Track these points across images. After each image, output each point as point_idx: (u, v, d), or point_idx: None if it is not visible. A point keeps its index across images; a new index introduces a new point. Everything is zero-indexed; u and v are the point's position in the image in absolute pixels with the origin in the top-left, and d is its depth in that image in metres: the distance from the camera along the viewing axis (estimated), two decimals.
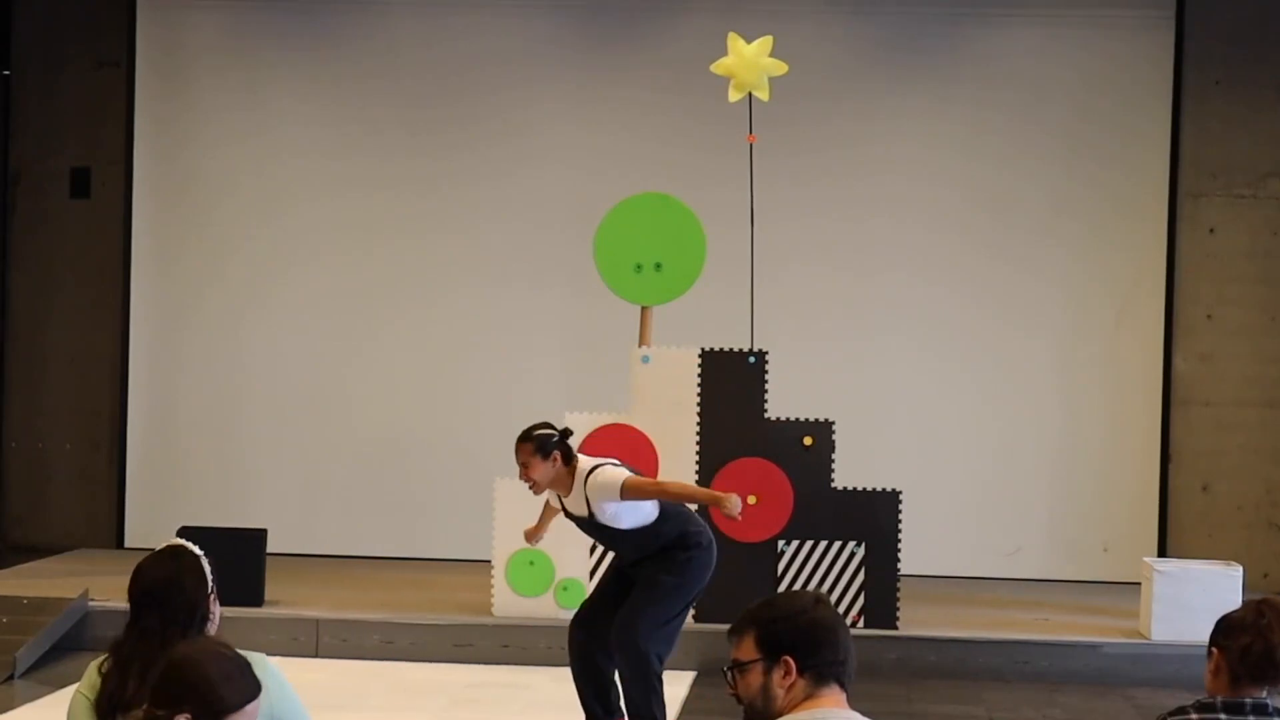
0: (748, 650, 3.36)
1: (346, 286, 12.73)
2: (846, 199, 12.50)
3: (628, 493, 7.06)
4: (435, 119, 12.71)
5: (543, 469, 7.13)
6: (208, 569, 4.13)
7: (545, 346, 12.55)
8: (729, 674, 3.39)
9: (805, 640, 3.33)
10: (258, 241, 12.81)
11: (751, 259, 10.21)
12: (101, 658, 4.12)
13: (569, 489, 7.20)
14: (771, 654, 3.34)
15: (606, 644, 7.24)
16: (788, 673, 3.33)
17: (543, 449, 7.12)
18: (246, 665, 3.52)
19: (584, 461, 7.20)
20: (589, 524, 7.26)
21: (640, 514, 7.17)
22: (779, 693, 3.33)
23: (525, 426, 7.32)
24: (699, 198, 10.58)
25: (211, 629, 4.10)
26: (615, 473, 7.10)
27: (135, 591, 4.10)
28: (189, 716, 3.39)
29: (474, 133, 12.69)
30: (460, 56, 12.73)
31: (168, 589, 4.05)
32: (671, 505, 7.29)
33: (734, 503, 7.03)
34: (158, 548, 4.21)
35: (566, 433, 7.24)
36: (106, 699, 3.99)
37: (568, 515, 7.36)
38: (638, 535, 7.21)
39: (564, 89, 12.68)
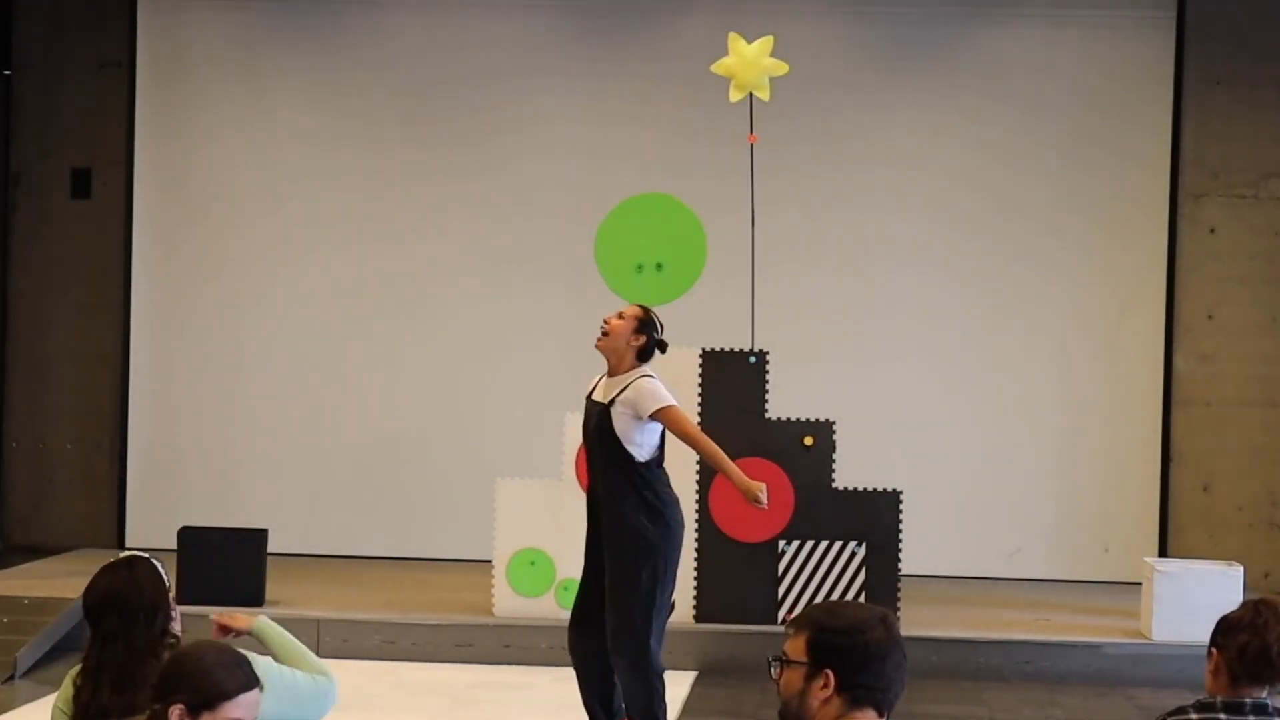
0: (797, 649, 3.32)
1: (347, 287, 12.73)
2: (847, 199, 12.49)
3: (663, 416, 7.04)
4: (437, 121, 12.68)
5: (625, 334, 7.19)
6: (164, 572, 4.13)
7: (546, 346, 12.54)
8: (774, 666, 3.36)
9: (852, 660, 3.27)
10: (259, 241, 12.80)
11: (752, 258, 10.21)
12: (76, 668, 4.09)
13: (618, 371, 7.20)
14: (817, 662, 3.29)
15: (604, 642, 7.21)
16: (826, 686, 3.27)
17: (644, 325, 7.22)
18: (244, 659, 3.55)
19: (648, 368, 7.22)
20: (597, 416, 7.17)
21: (640, 445, 7.11)
22: (814, 703, 3.29)
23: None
24: (699, 198, 10.56)
25: (175, 628, 4.09)
26: (664, 393, 7.09)
27: (91, 599, 4.07)
28: (182, 707, 3.41)
29: (474, 134, 12.67)
30: (462, 56, 12.72)
31: (125, 591, 4.04)
32: (663, 468, 7.23)
33: (761, 492, 7.08)
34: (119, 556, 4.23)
35: (663, 344, 7.32)
36: (82, 711, 3.97)
37: (588, 400, 7.31)
38: (620, 465, 7.11)
39: (564, 87, 12.66)
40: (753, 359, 10.03)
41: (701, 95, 11.74)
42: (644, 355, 7.22)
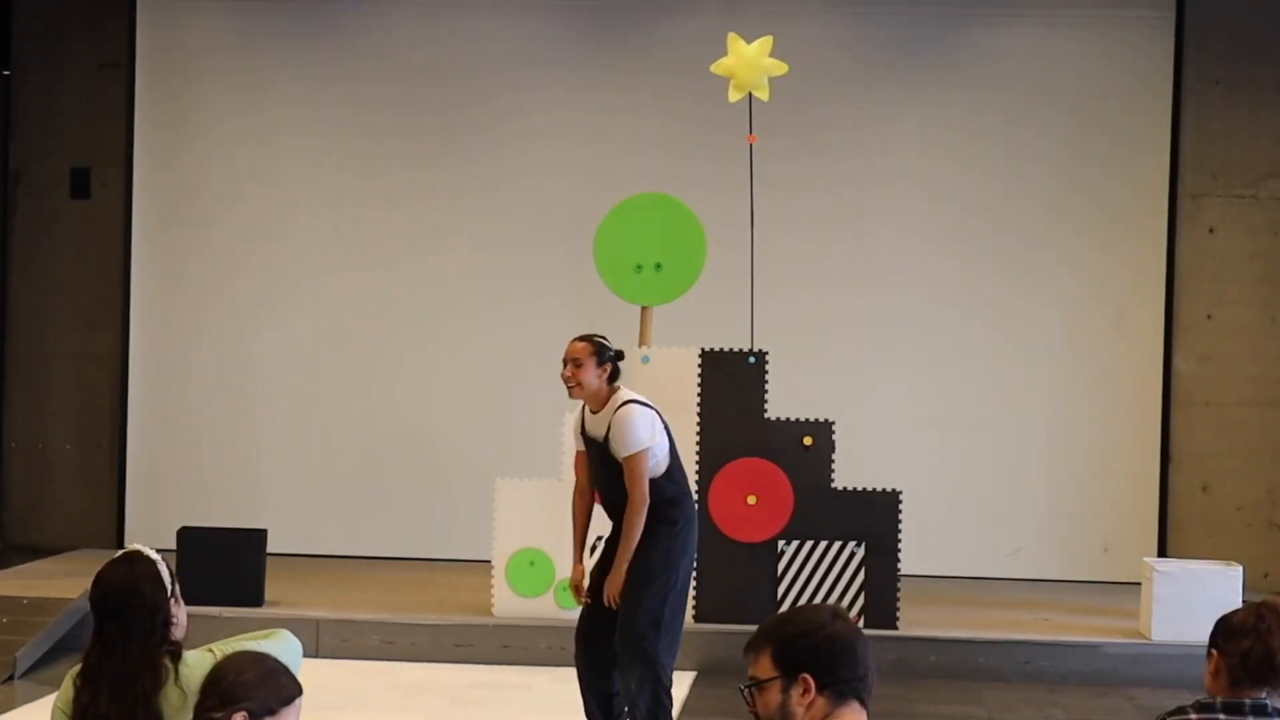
0: (764, 668, 3.29)
1: (347, 286, 12.72)
2: (848, 200, 12.49)
3: (625, 461, 7.01)
4: (435, 120, 12.69)
5: (592, 374, 7.08)
6: (165, 572, 4.12)
7: (545, 347, 12.48)
8: (747, 692, 3.31)
9: (824, 657, 3.26)
10: (258, 242, 12.80)
11: (751, 259, 10.21)
12: (76, 668, 4.09)
13: (601, 405, 7.14)
14: (789, 672, 3.26)
15: (610, 656, 7.19)
16: (806, 690, 3.25)
17: (599, 354, 7.10)
18: (285, 667, 3.60)
19: (624, 392, 7.16)
20: (599, 450, 7.15)
21: (651, 469, 7.11)
22: (798, 711, 3.26)
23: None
24: (699, 201, 10.56)
25: (177, 632, 4.09)
26: (637, 432, 7.00)
27: (95, 597, 4.09)
28: (245, 714, 3.46)
29: (472, 138, 12.66)
30: (462, 58, 12.71)
31: (125, 596, 4.03)
32: (678, 470, 7.23)
33: (577, 593, 7.20)
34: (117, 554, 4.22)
35: (620, 354, 7.22)
36: (80, 715, 3.98)
37: (584, 435, 7.25)
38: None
39: (566, 99, 12.61)
40: (752, 359, 10.03)
41: (702, 104, 11.77)
42: (614, 377, 7.18)
